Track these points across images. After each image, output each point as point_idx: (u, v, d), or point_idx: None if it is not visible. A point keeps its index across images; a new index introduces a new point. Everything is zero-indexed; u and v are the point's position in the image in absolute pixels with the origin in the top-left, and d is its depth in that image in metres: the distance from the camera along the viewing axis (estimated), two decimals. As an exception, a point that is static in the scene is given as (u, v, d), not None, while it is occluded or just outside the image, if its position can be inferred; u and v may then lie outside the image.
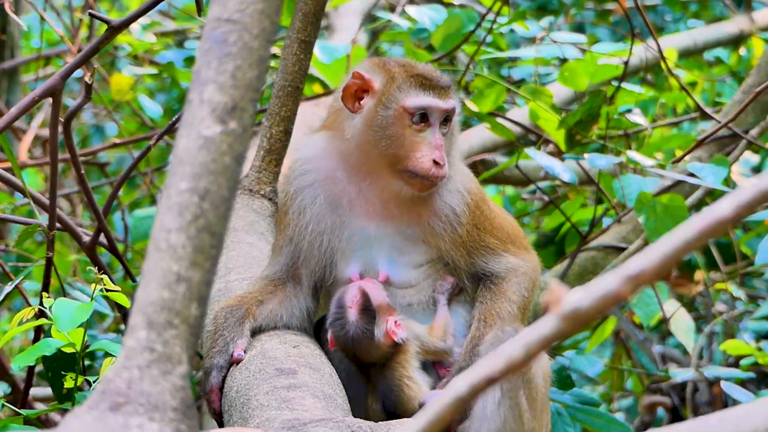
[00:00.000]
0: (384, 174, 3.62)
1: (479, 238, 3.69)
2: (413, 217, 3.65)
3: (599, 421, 4.35)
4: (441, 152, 3.58)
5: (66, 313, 3.49)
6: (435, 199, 3.66)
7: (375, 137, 3.59)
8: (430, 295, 3.69)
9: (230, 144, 2.15)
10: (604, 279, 1.72)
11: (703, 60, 7.30)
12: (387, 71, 3.66)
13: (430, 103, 3.60)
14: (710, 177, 4.66)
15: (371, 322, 3.55)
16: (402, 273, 3.66)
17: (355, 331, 3.56)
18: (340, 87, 3.71)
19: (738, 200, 1.69)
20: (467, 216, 3.67)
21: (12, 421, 3.56)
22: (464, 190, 3.70)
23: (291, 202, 3.72)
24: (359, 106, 3.63)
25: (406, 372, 3.58)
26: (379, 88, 3.62)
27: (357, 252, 3.67)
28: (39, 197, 4.15)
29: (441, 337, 3.65)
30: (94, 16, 3.99)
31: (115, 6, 8.72)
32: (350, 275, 3.66)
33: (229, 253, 3.99)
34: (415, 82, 3.62)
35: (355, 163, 3.64)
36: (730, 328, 6.08)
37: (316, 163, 3.71)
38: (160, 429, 2.01)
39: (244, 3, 2.20)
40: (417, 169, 3.56)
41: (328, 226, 3.68)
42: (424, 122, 3.60)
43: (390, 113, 3.59)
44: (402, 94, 3.60)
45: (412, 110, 3.59)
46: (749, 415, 1.90)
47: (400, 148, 3.58)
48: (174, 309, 2.07)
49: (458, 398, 1.76)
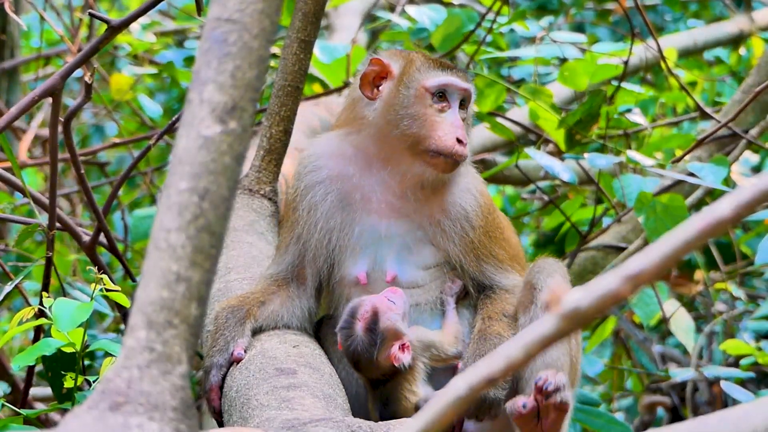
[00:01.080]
0: (405, 158, 3.63)
1: (489, 246, 3.69)
2: (424, 214, 3.65)
3: (599, 420, 4.35)
4: (463, 131, 3.63)
5: (66, 313, 3.49)
6: (447, 195, 3.67)
7: (396, 119, 3.62)
8: (437, 296, 3.68)
9: (230, 144, 2.15)
10: (604, 279, 1.72)
11: (703, 60, 7.30)
12: (405, 56, 3.72)
13: (449, 80, 3.65)
14: (710, 177, 4.66)
15: (373, 343, 3.52)
16: (410, 273, 3.66)
17: (357, 345, 3.55)
18: (356, 79, 3.74)
19: (738, 200, 1.69)
20: (479, 219, 3.68)
21: (12, 421, 3.55)
22: (476, 191, 3.71)
23: (301, 198, 3.73)
24: (377, 92, 3.67)
25: (410, 386, 3.57)
26: (398, 72, 3.68)
27: (366, 250, 3.66)
28: (39, 197, 4.15)
29: (452, 343, 3.63)
30: (94, 15, 3.99)
31: (115, 6, 8.72)
32: (357, 274, 3.66)
33: (228, 253, 3.99)
34: (434, 64, 3.70)
35: (374, 151, 3.66)
36: (730, 327, 6.08)
37: (328, 160, 3.72)
38: (159, 428, 2.01)
39: (244, 3, 2.20)
40: (440, 147, 3.58)
41: (337, 224, 3.68)
42: (444, 102, 3.64)
43: (411, 93, 3.63)
44: (422, 75, 3.65)
45: (433, 89, 3.63)
46: (749, 415, 1.90)
47: (422, 128, 3.60)
48: (174, 309, 2.07)
49: (458, 398, 1.76)
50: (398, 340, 3.54)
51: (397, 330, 3.54)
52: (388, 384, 3.59)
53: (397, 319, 3.54)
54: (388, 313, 3.54)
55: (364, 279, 3.65)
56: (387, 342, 3.53)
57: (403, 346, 3.55)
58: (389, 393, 3.58)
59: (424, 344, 3.60)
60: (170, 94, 7.45)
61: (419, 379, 3.58)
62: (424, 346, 3.60)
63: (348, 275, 3.68)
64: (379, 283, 3.65)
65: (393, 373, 3.56)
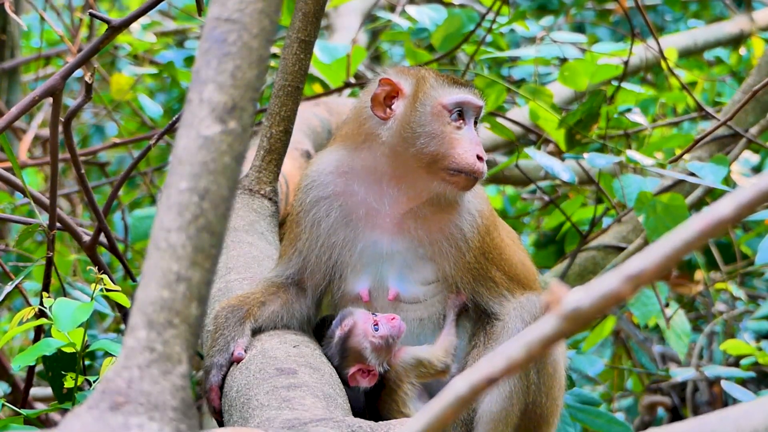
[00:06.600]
0: (420, 176, 3.59)
1: (486, 268, 3.65)
2: (425, 232, 3.63)
3: (599, 420, 4.35)
4: (481, 147, 3.60)
5: (66, 313, 3.49)
6: (447, 214, 3.64)
7: (412, 137, 3.58)
8: (440, 311, 3.67)
9: (230, 143, 2.14)
10: (605, 278, 1.72)
11: (703, 60, 7.31)
12: (414, 73, 3.68)
13: (467, 98, 3.62)
14: (710, 176, 4.67)
15: (340, 356, 3.57)
16: (412, 290, 3.64)
17: (328, 351, 3.60)
18: (363, 99, 3.70)
19: (738, 200, 1.69)
20: (476, 240, 3.64)
21: (12, 421, 3.55)
22: (476, 212, 3.68)
23: (305, 213, 3.70)
24: (390, 111, 3.63)
25: (399, 407, 3.58)
26: (410, 91, 3.63)
27: (368, 267, 3.64)
28: (39, 197, 4.15)
29: (442, 358, 3.62)
30: (94, 15, 3.99)
31: (115, 6, 8.72)
32: (359, 290, 3.64)
33: (229, 253, 3.98)
34: (448, 80, 3.66)
35: (386, 169, 3.61)
36: (730, 327, 6.09)
37: (335, 176, 3.69)
38: (160, 428, 2.01)
39: (244, 2, 2.20)
40: (462, 164, 3.55)
41: (339, 240, 3.66)
42: (460, 119, 3.61)
43: (427, 110, 3.59)
44: (437, 92, 3.62)
45: (450, 106, 3.60)
46: (749, 415, 1.90)
47: (441, 146, 3.57)
48: (174, 308, 2.07)
49: (458, 398, 1.76)
50: (360, 364, 3.56)
51: (361, 354, 3.55)
52: (379, 405, 3.61)
53: (365, 346, 3.54)
54: (360, 337, 3.55)
55: (366, 296, 3.64)
56: (350, 360, 3.57)
57: (363, 371, 3.57)
58: (381, 413, 3.59)
59: (412, 364, 3.60)
60: (170, 94, 7.46)
61: (410, 398, 3.59)
62: (412, 365, 3.60)
63: (350, 291, 3.67)
64: (381, 300, 3.64)
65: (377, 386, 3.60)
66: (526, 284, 3.72)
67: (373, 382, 3.58)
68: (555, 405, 3.59)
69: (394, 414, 3.56)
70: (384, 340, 3.54)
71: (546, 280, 4.95)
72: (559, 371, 3.60)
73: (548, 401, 3.56)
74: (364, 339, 3.54)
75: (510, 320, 3.58)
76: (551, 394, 3.56)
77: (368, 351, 3.54)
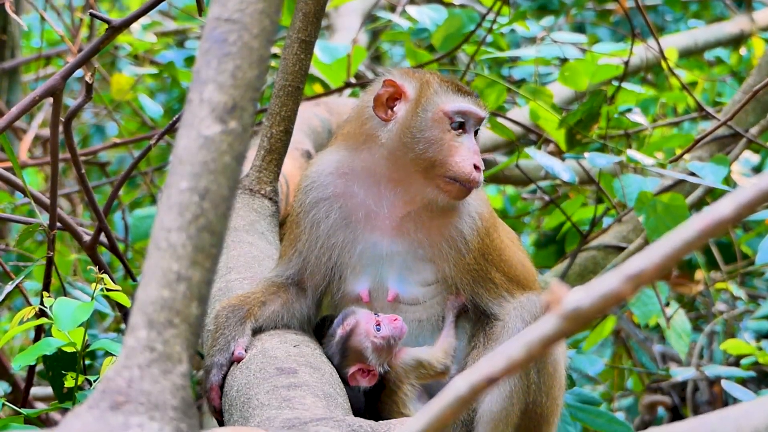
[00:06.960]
0: (417, 181, 3.59)
1: (485, 269, 3.64)
2: (425, 234, 3.62)
3: (600, 420, 4.35)
4: (479, 157, 3.58)
5: (66, 313, 3.49)
6: (447, 217, 3.64)
7: (412, 141, 3.57)
8: (439, 312, 3.67)
9: (230, 143, 2.15)
10: (605, 278, 1.72)
11: (703, 60, 7.31)
12: (419, 77, 3.67)
13: (469, 107, 3.61)
14: (710, 176, 4.67)
15: (340, 355, 3.57)
16: (411, 291, 3.64)
17: (329, 350, 3.60)
18: (365, 99, 3.70)
19: (738, 200, 1.69)
20: (475, 242, 3.64)
21: (12, 421, 3.56)
22: (476, 215, 3.67)
23: (304, 214, 3.70)
24: (392, 113, 3.62)
25: (400, 408, 3.59)
26: (413, 94, 3.62)
27: (367, 268, 3.64)
28: (39, 197, 4.15)
29: (441, 359, 3.63)
30: (94, 15, 4.00)
31: (116, 6, 8.73)
32: (359, 291, 3.65)
33: (229, 253, 3.99)
34: (452, 87, 3.64)
35: (384, 172, 3.61)
36: (730, 327, 6.09)
37: (335, 177, 3.68)
38: (160, 428, 2.01)
39: (244, 2, 2.20)
40: (458, 173, 3.54)
41: (339, 242, 3.65)
42: (461, 127, 3.60)
43: (429, 116, 3.58)
44: (440, 98, 3.60)
45: (452, 114, 3.58)
46: (750, 414, 1.90)
47: (439, 153, 3.56)
48: (174, 308, 2.07)
49: (458, 398, 1.76)
50: (360, 363, 3.57)
51: (362, 353, 3.56)
52: (379, 406, 3.61)
53: (366, 346, 3.55)
54: (362, 336, 3.56)
55: (366, 297, 3.64)
56: (350, 360, 3.57)
57: (363, 371, 3.57)
58: (381, 414, 3.59)
59: (412, 365, 3.61)
60: (171, 94, 7.46)
61: (410, 400, 3.60)
62: (412, 367, 3.61)
63: (350, 292, 3.67)
64: (381, 300, 3.64)
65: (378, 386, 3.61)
66: (526, 285, 3.72)
67: (373, 382, 3.58)
68: (555, 404, 3.59)
69: (394, 415, 3.57)
70: (385, 341, 3.54)
71: (546, 280, 4.96)
72: (560, 371, 3.60)
73: (548, 401, 3.56)
74: (366, 339, 3.54)
75: (510, 320, 3.58)
76: (551, 394, 3.56)
77: (369, 351, 3.55)
